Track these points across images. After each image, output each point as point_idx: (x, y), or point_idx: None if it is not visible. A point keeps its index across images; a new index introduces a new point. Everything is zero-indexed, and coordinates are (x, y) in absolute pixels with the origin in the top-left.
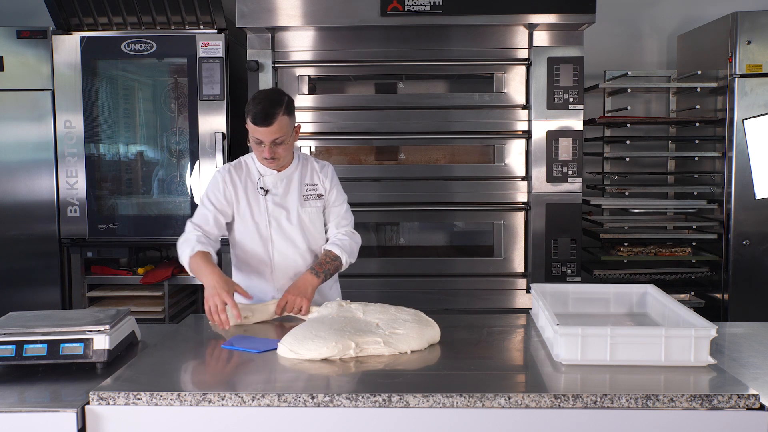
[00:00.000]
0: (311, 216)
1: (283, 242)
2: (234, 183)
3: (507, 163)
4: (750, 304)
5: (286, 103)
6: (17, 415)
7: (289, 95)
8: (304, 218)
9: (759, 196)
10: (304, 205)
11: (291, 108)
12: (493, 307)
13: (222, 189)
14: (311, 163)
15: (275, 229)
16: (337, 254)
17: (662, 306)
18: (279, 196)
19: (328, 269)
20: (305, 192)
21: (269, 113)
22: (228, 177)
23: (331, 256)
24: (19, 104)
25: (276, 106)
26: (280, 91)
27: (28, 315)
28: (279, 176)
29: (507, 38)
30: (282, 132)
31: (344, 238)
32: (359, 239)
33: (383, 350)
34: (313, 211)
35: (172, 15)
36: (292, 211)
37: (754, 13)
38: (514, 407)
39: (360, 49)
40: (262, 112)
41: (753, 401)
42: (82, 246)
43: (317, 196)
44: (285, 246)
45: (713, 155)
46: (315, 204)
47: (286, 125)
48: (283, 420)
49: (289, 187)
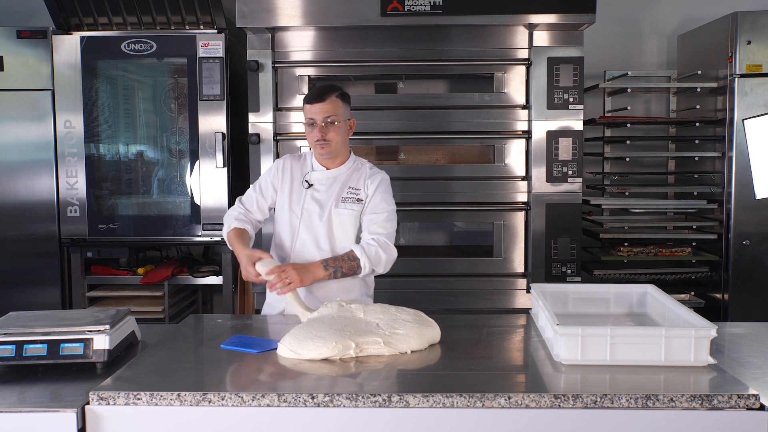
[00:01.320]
0: (342, 218)
1: (308, 236)
2: (286, 171)
3: (507, 163)
4: (750, 304)
5: (342, 91)
6: (17, 415)
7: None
8: (335, 219)
9: (759, 196)
10: (338, 206)
11: (346, 98)
12: (493, 307)
13: (273, 176)
14: (364, 168)
15: (305, 222)
16: (356, 255)
17: (662, 306)
18: (320, 193)
19: (341, 266)
20: (345, 194)
21: (323, 92)
22: (282, 165)
23: (350, 256)
24: (19, 104)
25: (331, 89)
26: (339, 86)
27: (28, 315)
28: (327, 174)
29: (507, 38)
30: (333, 111)
31: (373, 244)
32: (394, 252)
33: (383, 350)
34: (345, 214)
35: (172, 15)
36: (326, 209)
37: (754, 13)
38: (514, 407)
39: (360, 49)
40: (317, 90)
41: (753, 401)
42: (82, 246)
43: (356, 201)
44: (308, 240)
45: (713, 155)
46: (351, 207)
47: (339, 107)
48: (283, 420)
49: (333, 187)
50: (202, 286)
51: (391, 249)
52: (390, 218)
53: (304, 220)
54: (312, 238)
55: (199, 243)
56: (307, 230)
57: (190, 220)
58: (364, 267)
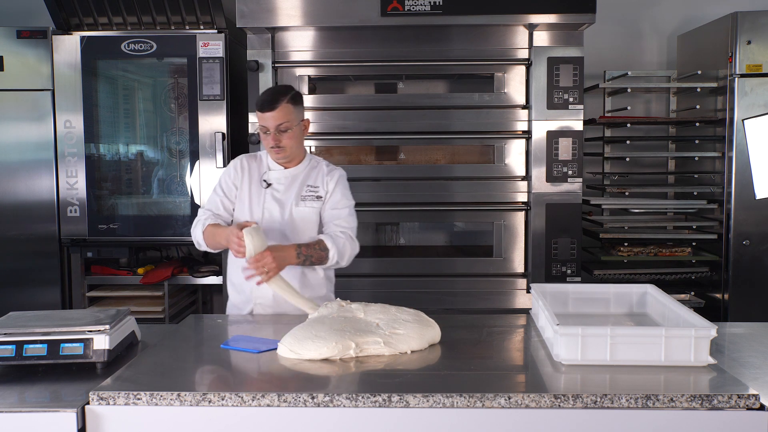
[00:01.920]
0: (304, 215)
1: (270, 237)
2: (244, 171)
3: (507, 163)
4: (750, 304)
5: (293, 94)
6: (17, 415)
7: (298, 91)
8: (296, 217)
9: (759, 196)
10: (298, 204)
11: (298, 100)
12: (493, 307)
13: (232, 176)
14: (321, 167)
15: (267, 222)
16: (327, 245)
17: (662, 306)
18: (279, 192)
19: (311, 255)
20: (304, 192)
21: (272, 99)
22: (239, 164)
23: (321, 246)
24: (19, 104)
25: (281, 94)
26: (290, 86)
27: (28, 315)
28: (285, 173)
29: (507, 38)
30: (286, 118)
31: (340, 236)
32: (357, 247)
33: (383, 350)
34: (307, 212)
35: (172, 15)
36: (286, 208)
37: (754, 13)
38: (514, 407)
39: (360, 49)
40: (267, 98)
41: (753, 401)
42: (82, 246)
43: (316, 198)
44: (271, 241)
45: (713, 155)
46: (311, 204)
47: (291, 113)
48: (283, 420)
49: (291, 186)
50: (202, 286)
51: (355, 244)
52: (352, 213)
53: (265, 220)
54: (274, 238)
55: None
56: (269, 229)
57: (190, 220)
58: (332, 258)
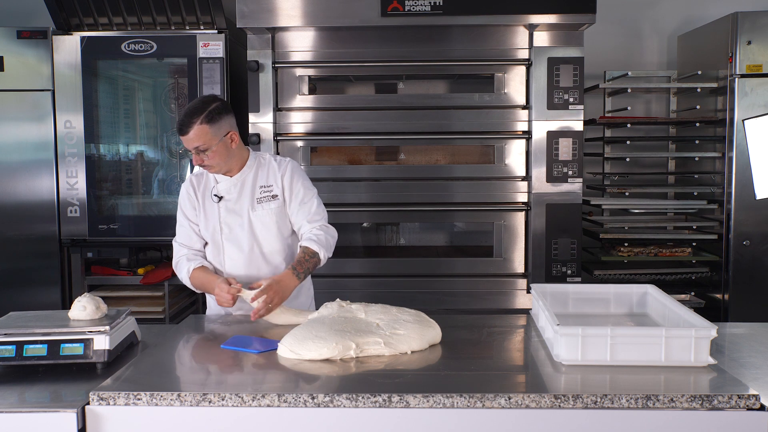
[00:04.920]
0: (263, 219)
1: (234, 249)
2: (195, 191)
3: (507, 164)
4: (750, 305)
5: (208, 111)
6: (17, 415)
7: (220, 102)
8: (255, 222)
9: (759, 196)
10: (255, 209)
11: (215, 116)
12: (494, 307)
13: (188, 200)
14: (269, 163)
15: (227, 236)
16: (315, 251)
17: (662, 306)
18: (232, 202)
19: (308, 268)
20: (258, 195)
21: (185, 122)
22: (191, 187)
23: (309, 253)
24: (19, 104)
25: (194, 115)
26: (210, 99)
27: (28, 315)
28: (232, 181)
29: (507, 38)
30: (201, 141)
31: (320, 233)
32: (335, 233)
33: (384, 351)
34: (265, 215)
35: (173, 15)
36: (244, 216)
37: (755, 14)
38: (515, 407)
39: (360, 49)
40: (181, 121)
41: (753, 401)
42: (82, 246)
43: (272, 197)
44: (236, 253)
45: (713, 155)
46: (269, 206)
47: (206, 134)
48: (283, 420)
49: (243, 192)
50: None
51: (332, 231)
52: (320, 203)
53: (225, 234)
54: (238, 249)
55: None
56: (232, 243)
57: None
58: (323, 258)
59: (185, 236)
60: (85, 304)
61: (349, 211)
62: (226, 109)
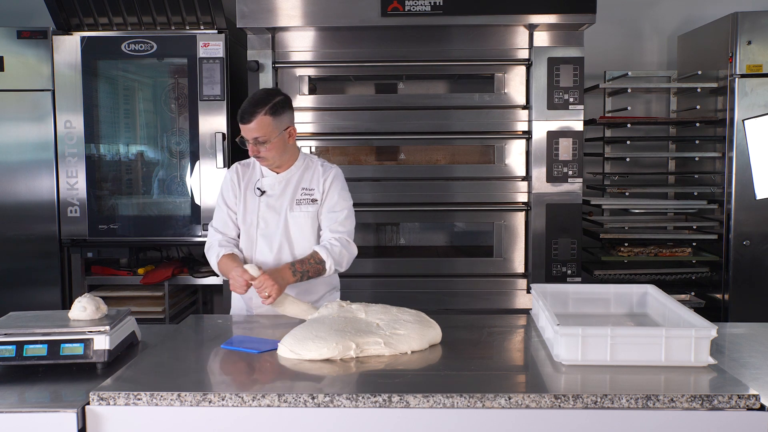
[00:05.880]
0: (299, 221)
1: (266, 246)
2: (240, 180)
3: (507, 164)
4: (750, 305)
5: (273, 103)
6: (18, 415)
7: (284, 96)
8: (291, 222)
9: (759, 196)
10: (293, 209)
11: (279, 109)
12: (494, 307)
13: (231, 187)
14: (317, 167)
15: (261, 231)
16: (322, 258)
17: (662, 306)
18: (273, 198)
19: (307, 270)
20: (299, 196)
21: (249, 111)
22: (236, 175)
23: (316, 259)
24: (19, 104)
25: (259, 105)
26: (274, 92)
27: (28, 315)
28: (278, 178)
29: (507, 38)
30: (262, 132)
31: (336, 244)
32: (354, 250)
33: (384, 351)
34: (302, 216)
35: (173, 15)
36: (281, 215)
37: (755, 14)
38: (515, 407)
39: (360, 49)
40: (245, 109)
41: (753, 401)
42: (82, 246)
43: (311, 201)
44: (267, 250)
45: (713, 155)
46: (306, 209)
47: (268, 125)
48: (283, 420)
49: (286, 190)
50: (202, 287)
51: (352, 247)
52: (349, 216)
53: (261, 229)
54: (270, 247)
55: (200, 243)
56: (265, 238)
57: (191, 221)
58: (329, 269)
59: (221, 222)
60: (86, 305)
61: None
62: (289, 103)
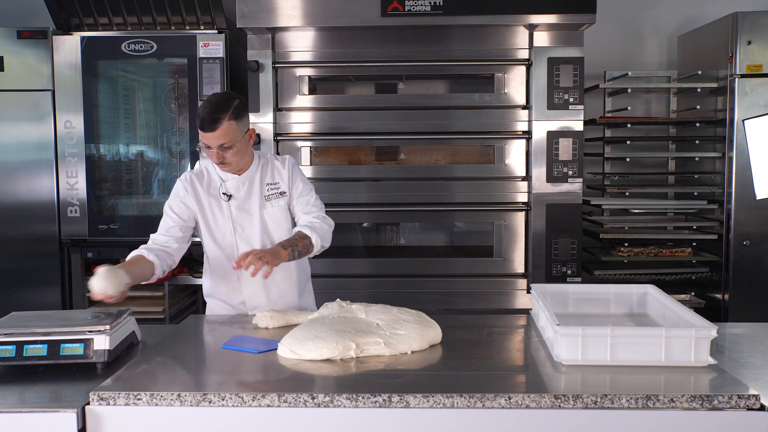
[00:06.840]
0: (274, 216)
1: (247, 248)
2: (196, 191)
3: (507, 164)
4: (750, 305)
5: (234, 107)
6: (18, 415)
7: (240, 98)
8: (267, 220)
9: (759, 197)
10: (265, 206)
11: (240, 113)
12: (494, 307)
13: (183, 197)
14: (272, 161)
15: (240, 235)
16: (306, 233)
17: (662, 306)
18: (241, 200)
19: (296, 245)
20: (267, 192)
21: (212, 118)
22: (189, 186)
23: (300, 235)
24: (19, 104)
25: (221, 110)
26: (231, 95)
27: (28, 315)
28: (240, 179)
29: (507, 38)
30: (228, 138)
31: (315, 221)
32: (332, 223)
33: (384, 351)
34: (276, 211)
35: (173, 15)
36: (255, 215)
37: (755, 14)
38: (515, 407)
39: (360, 49)
40: (208, 117)
41: (753, 401)
42: (82, 246)
43: (279, 195)
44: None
45: (713, 155)
46: (278, 203)
47: (233, 131)
48: (283, 420)
49: (252, 190)
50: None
51: (329, 221)
52: (317, 196)
53: (239, 233)
54: (251, 247)
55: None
56: (245, 241)
57: None
58: (316, 243)
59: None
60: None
61: (349, 211)
62: (246, 105)
